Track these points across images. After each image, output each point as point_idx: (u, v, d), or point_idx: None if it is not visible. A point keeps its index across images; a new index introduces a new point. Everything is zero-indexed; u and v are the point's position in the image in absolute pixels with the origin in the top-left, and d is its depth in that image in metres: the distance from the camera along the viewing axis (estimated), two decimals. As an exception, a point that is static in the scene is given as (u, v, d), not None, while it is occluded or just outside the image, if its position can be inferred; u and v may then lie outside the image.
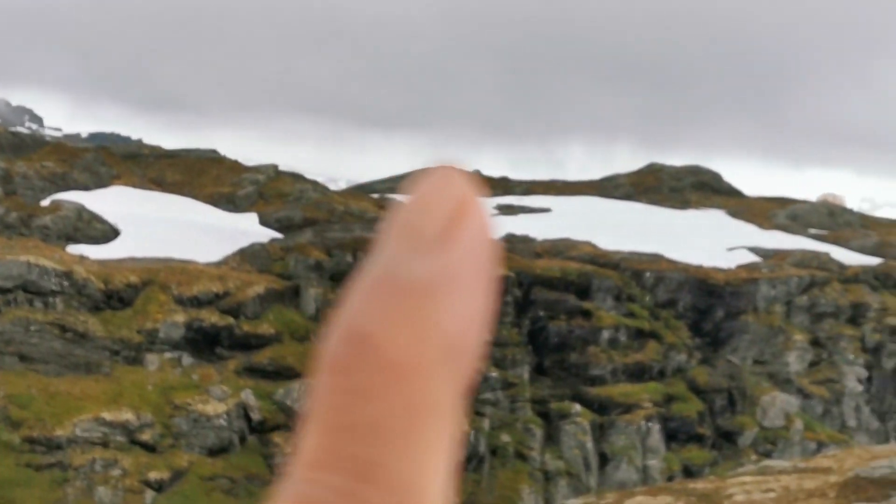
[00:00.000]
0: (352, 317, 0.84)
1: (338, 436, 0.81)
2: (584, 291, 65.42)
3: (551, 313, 63.66)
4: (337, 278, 61.16)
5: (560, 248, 74.30)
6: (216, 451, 51.18)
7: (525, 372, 60.30)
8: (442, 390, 0.83)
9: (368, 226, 69.63)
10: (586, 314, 64.13)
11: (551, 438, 58.75)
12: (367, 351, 0.82)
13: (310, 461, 0.82)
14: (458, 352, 0.84)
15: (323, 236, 64.66)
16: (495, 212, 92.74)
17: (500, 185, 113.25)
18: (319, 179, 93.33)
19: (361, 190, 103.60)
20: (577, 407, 59.96)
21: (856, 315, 73.70)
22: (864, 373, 71.33)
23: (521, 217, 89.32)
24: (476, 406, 56.89)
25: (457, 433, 0.81)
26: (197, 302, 56.69)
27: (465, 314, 0.85)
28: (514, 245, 74.09)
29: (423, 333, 0.82)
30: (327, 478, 0.81)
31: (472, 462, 53.33)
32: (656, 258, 73.12)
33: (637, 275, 70.81)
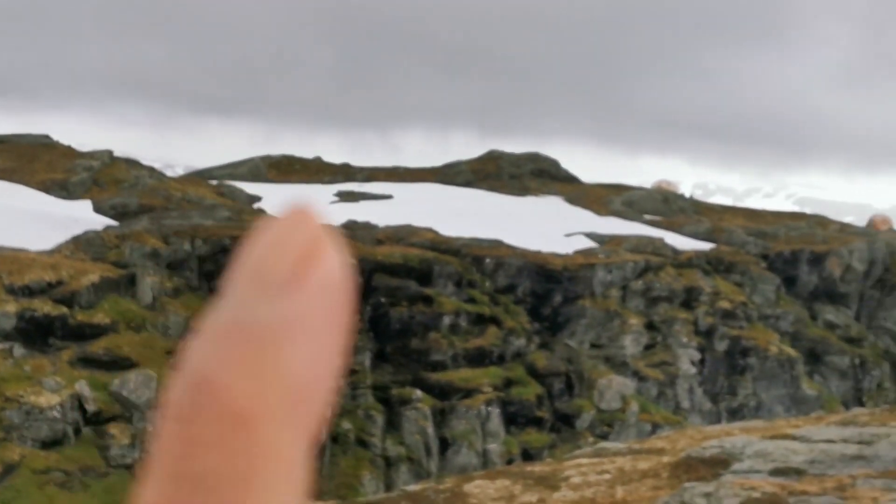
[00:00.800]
0: (195, 363, 0.81)
1: (178, 485, 0.78)
2: (425, 277, 65.66)
3: (393, 299, 63.74)
4: (174, 266, 60.16)
5: (401, 235, 74.38)
6: (49, 444, 49.85)
7: (366, 359, 60.24)
8: (286, 438, 0.81)
9: (206, 213, 68.63)
10: (427, 300, 64.38)
11: (392, 424, 58.86)
12: (208, 399, 0.79)
13: None
14: (304, 399, 0.82)
15: (159, 223, 63.51)
16: (336, 199, 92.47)
17: (342, 172, 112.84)
18: (156, 165, 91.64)
19: (199, 176, 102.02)
20: (418, 392, 60.19)
21: (689, 299, 75.61)
22: (696, 355, 73.24)
23: (363, 204, 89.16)
24: (317, 393, 56.66)
25: (304, 481, 0.80)
26: (29, 291, 55.11)
27: (313, 360, 0.82)
28: (356, 232, 73.92)
29: (266, 381, 0.80)
30: None
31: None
32: (496, 244, 73.81)
33: (477, 261, 71.37)
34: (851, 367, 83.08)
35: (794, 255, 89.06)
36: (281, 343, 0.81)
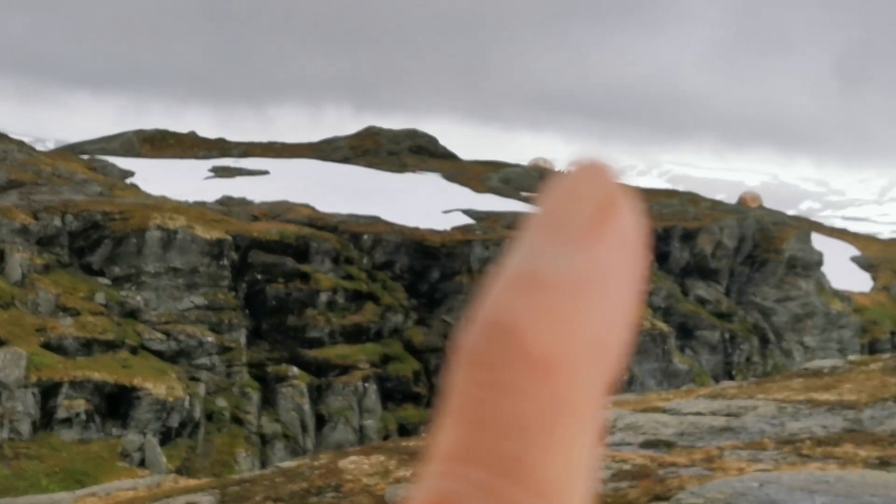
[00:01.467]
0: (494, 309, 0.80)
1: (479, 431, 0.77)
2: (302, 254, 65.27)
3: (269, 276, 63.25)
4: (44, 242, 58.82)
5: (278, 211, 73.81)
6: (-87, 426, 48.50)
7: (242, 336, 59.73)
8: (587, 389, 0.80)
9: (78, 188, 67.23)
10: (304, 277, 64.03)
11: (268, 402, 58.47)
12: (511, 345, 0.78)
13: (450, 455, 0.77)
14: (602, 350, 0.81)
15: (29, 199, 62.02)
16: (211, 174, 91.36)
17: (217, 147, 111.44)
18: (25, 139, 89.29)
19: (70, 150, 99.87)
20: (295, 370, 59.87)
21: (564, 275, 76.37)
22: (571, 330, 74.09)
23: (239, 179, 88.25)
24: (191, 371, 55.99)
25: (599, 435, 0.80)
26: None
27: (610, 313, 0.81)
28: (231, 208, 73.15)
29: (569, 330, 0.79)
30: (468, 472, 0.76)
31: (186, 428, 52.49)
32: (374, 221, 73.70)
33: (355, 237, 71.20)
34: (721, 341, 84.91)
35: (666, 232, 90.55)
36: (581, 294, 0.80)
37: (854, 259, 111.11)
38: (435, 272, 71.81)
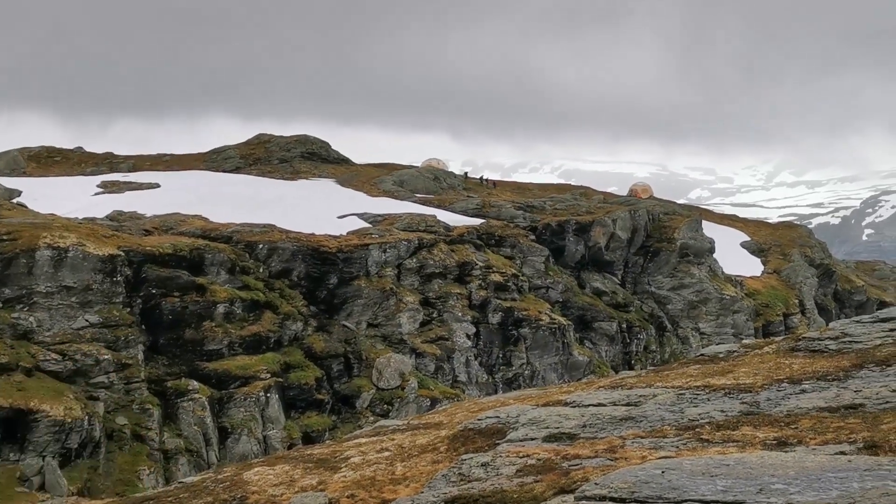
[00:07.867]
0: None
1: None
2: (196, 266, 64.56)
3: (164, 290, 62.41)
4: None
5: (170, 224, 72.98)
6: None
7: (139, 352, 58.83)
8: None
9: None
10: (200, 289, 63.32)
11: (170, 417, 57.68)
12: None
13: None
14: None
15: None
16: (100, 190, 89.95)
17: (105, 162, 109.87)
18: None
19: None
20: (195, 383, 59.15)
21: (462, 274, 76.76)
22: (471, 329, 74.43)
23: (128, 194, 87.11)
24: (89, 390, 55.01)
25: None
26: None
27: None
28: (123, 223, 72.09)
29: None
30: None
31: (87, 448, 51.56)
32: (269, 229, 73.24)
33: (250, 246, 70.68)
34: (619, 331, 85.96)
35: (560, 227, 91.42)
36: None
37: (744, 244, 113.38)
38: (333, 277, 71.60)
